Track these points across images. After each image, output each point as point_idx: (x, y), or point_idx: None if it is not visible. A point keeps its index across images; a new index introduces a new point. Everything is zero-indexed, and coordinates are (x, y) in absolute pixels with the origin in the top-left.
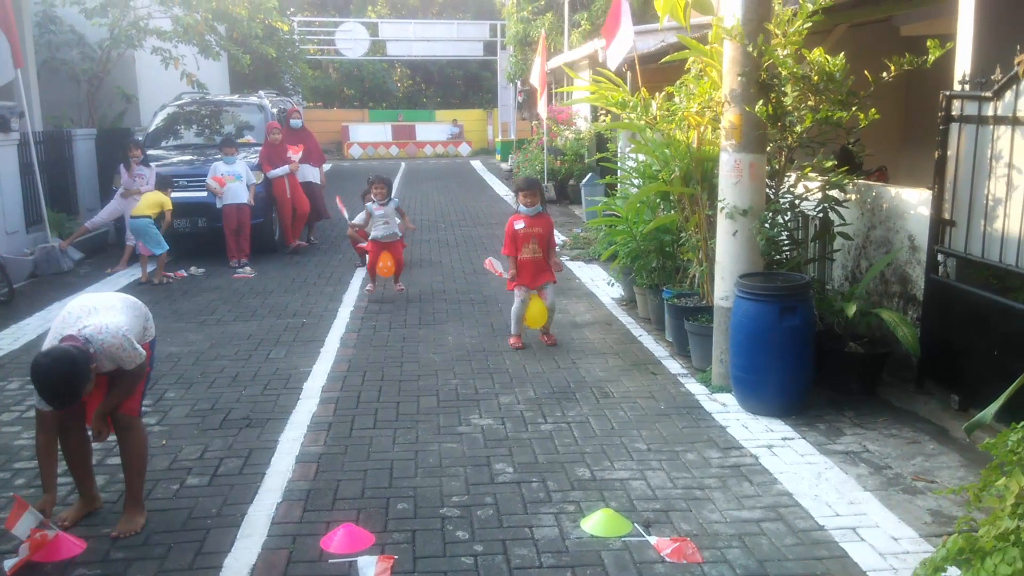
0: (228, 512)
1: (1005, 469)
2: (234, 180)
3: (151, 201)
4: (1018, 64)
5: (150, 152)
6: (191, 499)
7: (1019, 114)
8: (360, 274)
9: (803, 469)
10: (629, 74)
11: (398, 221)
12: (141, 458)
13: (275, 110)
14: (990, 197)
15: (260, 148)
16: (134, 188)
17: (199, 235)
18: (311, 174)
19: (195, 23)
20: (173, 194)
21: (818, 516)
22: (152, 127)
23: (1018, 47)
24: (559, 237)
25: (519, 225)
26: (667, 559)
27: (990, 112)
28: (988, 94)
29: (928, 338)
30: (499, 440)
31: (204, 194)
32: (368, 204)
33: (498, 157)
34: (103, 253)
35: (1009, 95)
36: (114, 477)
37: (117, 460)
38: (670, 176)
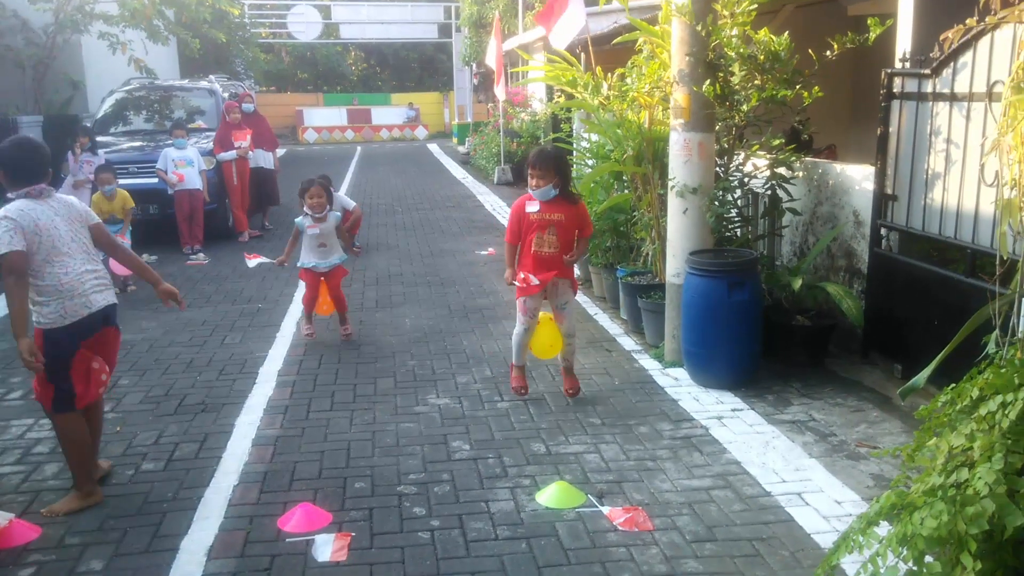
0: (184, 496)
1: (936, 431)
2: (186, 165)
3: (118, 207)
4: (942, 40)
5: (100, 139)
6: (147, 484)
7: (956, 91)
8: None
9: (751, 439)
10: (583, 55)
11: (339, 243)
12: (66, 447)
13: (226, 94)
14: (930, 172)
15: (211, 133)
16: (82, 177)
17: (151, 222)
18: (264, 159)
19: (142, 7)
20: (124, 181)
21: (765, 483)
22: (100, 113)
23: (955, 25)
24: None
25: (531, 207)
26: (619, 528)
27: (929, 89)
28: (927, 72)
29: (872, 310)
30: (456, 419)
31: (155, 180)
32: (299, 219)
33: (455, 140)
34: None
35: (947, 72)
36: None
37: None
38: (623, 156)
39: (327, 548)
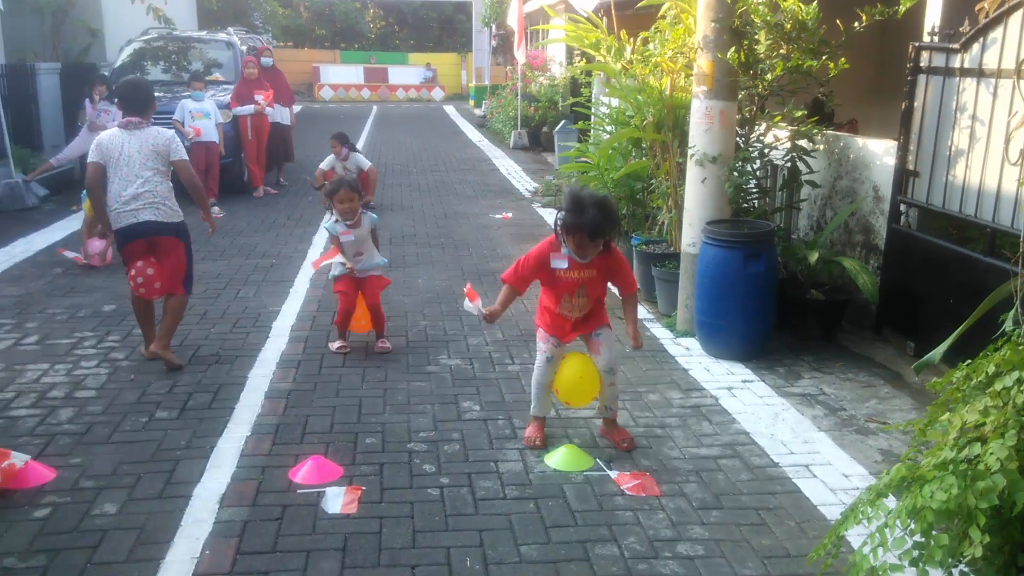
0: (197, 444)
1: (950, 406)
2: (203, 117)
3: None
4: (978, 10)
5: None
6: (160, 431)
7: (985, 67)
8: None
9: (761, 410)
10: (606, 19)
11: (374, 248)
12: (175, 314)
13: (244, 47)
14: (953, 149)
15: (228, 86)
16: (100, 123)
17: None
18: (281, 115)
19: None
20: None
21: (773, 454)
22: (118, 63)
23: None
24: (530, 183)
25: (560, 264)
26: (627, 492)
27: (957, 64)
28: (956, 46)
29: (887, 286)
30: (467, 379)
31: (171, 132)
32: (330, 223)
33: (472, 103)
34: (69, 190)
35: (976, 47)
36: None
37: None
38: (642, 122)
39: (338, 500)
